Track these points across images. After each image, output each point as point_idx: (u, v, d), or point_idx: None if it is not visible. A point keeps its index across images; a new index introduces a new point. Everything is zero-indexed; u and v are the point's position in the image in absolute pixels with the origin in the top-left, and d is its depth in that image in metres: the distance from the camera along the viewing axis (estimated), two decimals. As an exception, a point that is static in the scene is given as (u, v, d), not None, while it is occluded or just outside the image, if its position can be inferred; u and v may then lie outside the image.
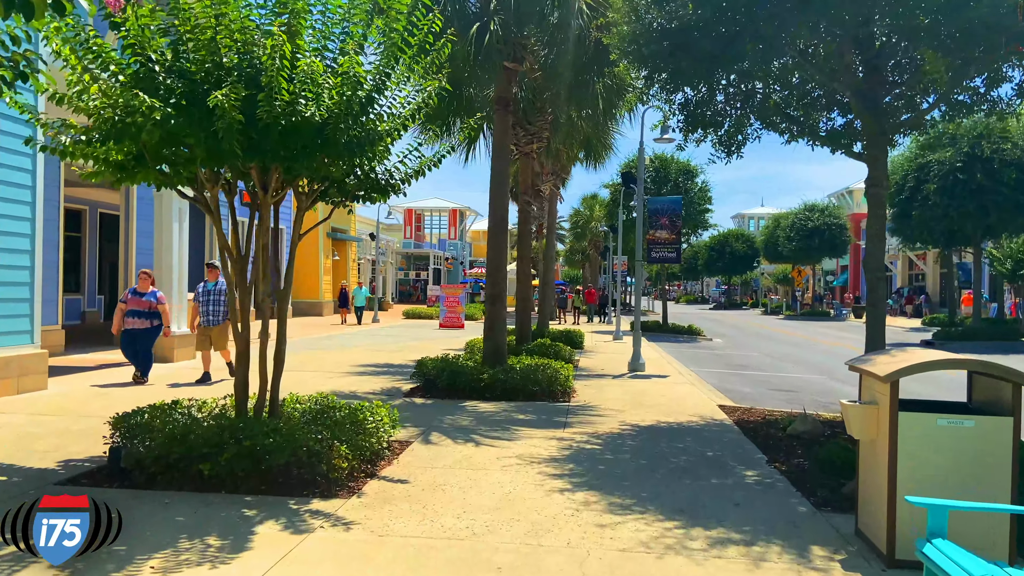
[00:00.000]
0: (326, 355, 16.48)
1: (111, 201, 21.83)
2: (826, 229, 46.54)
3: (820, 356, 20.64)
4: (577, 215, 48.74)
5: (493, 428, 8.42)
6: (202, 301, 11.62)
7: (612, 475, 6.49)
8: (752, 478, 6.53)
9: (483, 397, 10.38)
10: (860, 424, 4.88)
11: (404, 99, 6.65)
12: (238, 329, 6.55)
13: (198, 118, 5.64)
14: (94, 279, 25.50)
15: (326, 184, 6.80)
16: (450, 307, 29.05)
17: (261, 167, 6.30)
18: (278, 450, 5.68)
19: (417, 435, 7.93)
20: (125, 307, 11.30)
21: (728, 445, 7.81)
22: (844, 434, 8.16)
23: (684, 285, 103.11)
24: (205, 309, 11.60)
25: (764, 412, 9.81)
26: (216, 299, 11.56)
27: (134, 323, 11.28)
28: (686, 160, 29.32)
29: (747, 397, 12.21)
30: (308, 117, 5.69)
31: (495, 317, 11.69)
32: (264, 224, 6.51)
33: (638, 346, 14.67)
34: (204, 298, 11.61)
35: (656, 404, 10.43)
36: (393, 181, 7.03)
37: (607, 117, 15.09)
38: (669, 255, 15.76)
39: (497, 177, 11.79)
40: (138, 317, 11.30)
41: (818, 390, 13.45)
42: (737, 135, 9.83)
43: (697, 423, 9.05)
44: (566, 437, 8.02)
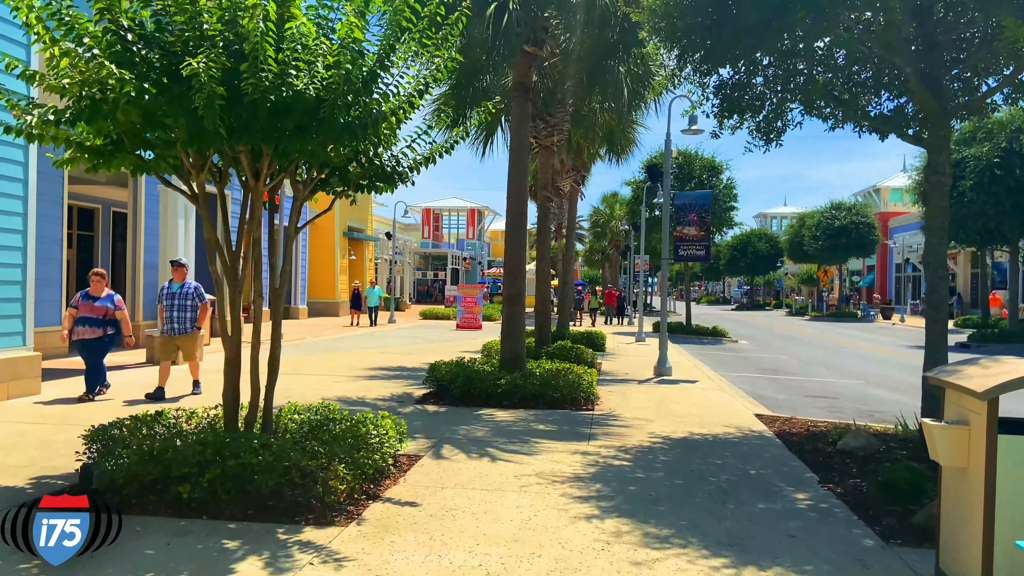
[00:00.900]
0: (337, 357, 15.84)
1: (124, 199, 21.35)
2: (853, 228, 45.36)
3: (853, 360, 19.73)
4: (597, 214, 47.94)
5: (511, 440, 7.70)
6: (166, 305, 10.06)
7: (645, 498, 5.75)
8: (804, 502, 5.76)
9: (500, 405, 9.66)
10: (948, 448, 4.10)
11: (413, 78, 5.96)
12: (227, 332, 5.88)
13: (178, 95, 4.97)
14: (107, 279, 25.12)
15: (326, 172, 6.12)
16: (467, 307, 28.38)
17: (251, 151, 5.64)
18: (266, 470, 5.00)
19: (427, 448, 7.23)
20: (76, 313, 9.52)
21: (772, 462, 7.03)
22: (900, 450, 7.37)
23: (705, 285, 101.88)
24: (169, 315, 10.04)
25: (807, 423, 9.01)
26: (183, 304, 10.03)
27: (85, 332, 9.51)
28: (711, 156, 28.43)
29: (783, 405, 11.40)
30: (300, 92, 5.00)
31: (513, 319, 10.96)
32: (255, 216, 5.83)
33: (665, 349, 13.89)
34: (168, 302, 10.05)
35: (687, 413, 9.66)
36: (400, 169, 6.34)
37: (631, 107, 14.33)
38: (698, 253, 14.95)
39: (515, 170, 11.07)
40: (90, 325, 9.51)
41: (857, 397, 12.60)
42: (777, 121, 9.05)
43: (734, 435, 8.27)
44: (591, 451, 7.28)
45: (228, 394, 5.83)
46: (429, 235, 65.15)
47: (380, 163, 6.18)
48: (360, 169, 6.21)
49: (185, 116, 4.96)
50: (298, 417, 6.43)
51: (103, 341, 9.66)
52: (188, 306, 10.08)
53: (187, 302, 10.07)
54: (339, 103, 5.17)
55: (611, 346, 20.41)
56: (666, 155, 13.80)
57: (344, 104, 5.22)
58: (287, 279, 6.11)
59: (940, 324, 7.18)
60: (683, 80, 8.96)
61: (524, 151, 11.13)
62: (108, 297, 9.68)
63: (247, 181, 5.80)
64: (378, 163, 6.17)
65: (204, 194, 5.80)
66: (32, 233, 10.04)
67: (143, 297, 17.02)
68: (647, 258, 28.96)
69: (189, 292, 10.11)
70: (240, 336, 5.93)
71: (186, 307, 10.06)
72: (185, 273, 10.25)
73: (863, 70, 9.06)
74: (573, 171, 19.90)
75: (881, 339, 28.34)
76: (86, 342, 9.56)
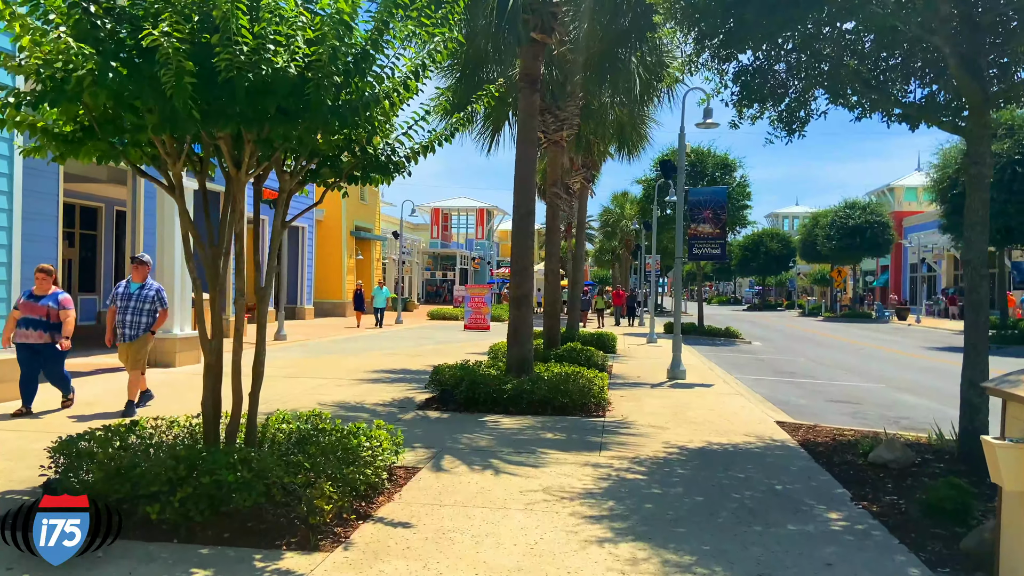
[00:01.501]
0: (341, 359, 15.37)
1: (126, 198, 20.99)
2: (868, 227, 44.63)
3: (872, 362, 19.12)
4: (607, 213, 47.35)
5: (517, 450, 7.20)
6: (120, 308, 8.72)
7: (663, 518, 5.24)
8: (839, 523, 5.23)
9: (506, 411, 9.16)
10: (1013, 470, 3.58)
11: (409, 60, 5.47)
12: (207, 336, 5.41)
13: (148, 75, 4.50)
14: (110, 278, 24.74)
15: (315, 161, 5.65)
16: (475, 308, 27.92)
17: (233, 138, 5.16)
18: (244, 489, 4.52)
19: (427, 459, 6.74)
20: (18, 314, 8.36)
21: (799, 475, 6.50)
22: (936, 463, 6.83)
23: (716, 286, 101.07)
24: (122, 319, 8.69)
25: (832, 431, 8.46)
26: (139, 307, 8.70)
27: (30, 336, 8.30)
28: (724, 153, 27.85)
29: (804, 410, 10.85)
30: (281, 69, 4.52)
31: (520, 321, 10.45)
32: (237, 209, 5.36)
33: (678, 352, 13.35)
34: (123, 304, 8.72)
35: (704, 420, 9.13)
36: (397, 158, 5.86)
37: (643, 100, 13.81)
38: (713, 251, 14.40)
39: (523, 164, 10.55)
40: (32, 328, 8.29)
41: (881, 402, 12.03)
42: (800, 110, 8.52)
43: (756, 445, 7.74)
44: (603, 463, 6.77)
45: (208, 403, 5.35)
46: (438, 235, 64.68)
47: (374, 152, 5.70)
48: (353, 159, 5.74)
49: (155, 97, 4.49)
50: (286, 427, 5.96)
51: (52, 346, 8.43)
52: (145, 310, 8.75)
53: (145, 305, 8.75)
54: (325, 83, 4.68)
55: (622, 348, 19.88)
56: (680, 149, 13.26)
57: (331, 85, 4.73)
58: (273, 278, 5.64)
59: (981, 326, 6.63)
60: (700, 67, 8.44)
61: (532, 145, 10.62)
62: (52, 296, 8.42)
63: (229, 171, 5.32)
64: (372, 152, 5.70)
65: (181, 185, 5.32)
66: (17, 231, 9.63)
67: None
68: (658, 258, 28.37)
69: (149, 295, 8.80)
70: (221, 341, 5.45)
71: (143, 311, 8.73)
72: (147, 272, 8.97)
73: (891, 56, 8.52)
74: (583, 168, 19.36)
75: (898, 340, 27.68)
76: (37, 348, 8.37)
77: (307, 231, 31.49)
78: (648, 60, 12.82)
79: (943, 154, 29.63)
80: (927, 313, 46.86)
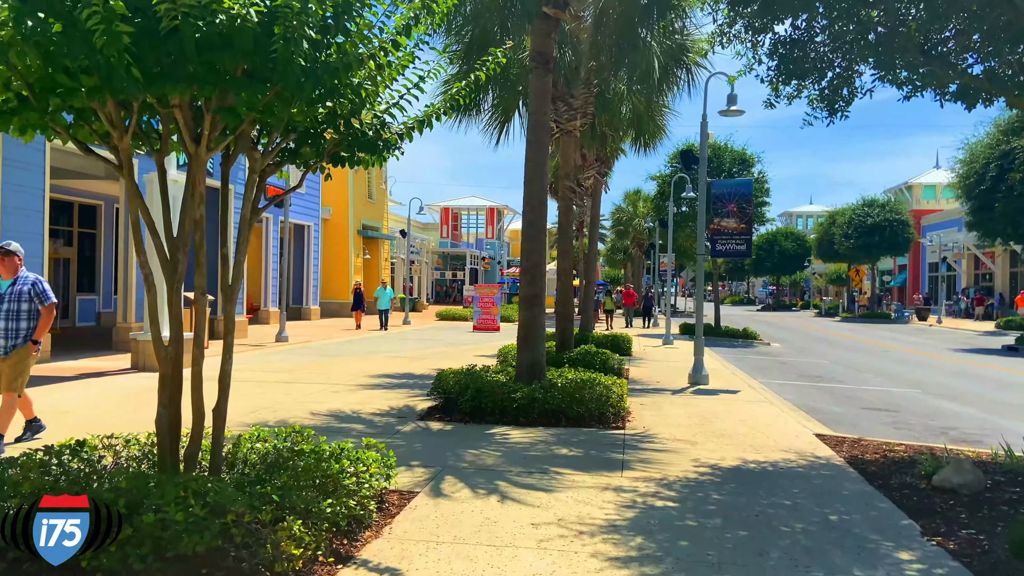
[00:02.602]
0: (341, 363, 14.56)
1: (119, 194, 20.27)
2: (887, 226, 43.52)
3: (900, 365, 18.16)
4: (620, 212, 46.40)
5: (528, 469, 6.35)
6: None
7: (702, 559, 4.38)
8: (914, 567, 4.36)
9: (515, 421, 8.32)
10: None
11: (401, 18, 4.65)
12: (162, 343, 4.59)
13: (82, 29, 3.69)
14: (110, 278, 24.05)
15: (292, 137, 4.83)
16: (485, 308, 27.06)
17: (191, 107, 4.35)
18: (195, 530, 3.70)
19: (425, 480, 5.91)
20: None
21: (855, 502, 5.62)
22: (1010, 486, 5.94)
23: (729, 285, 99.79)
24: None
25: (880, 446, 7.57)
26: (12, 310, 6.81)
27: None
28: (741, 148, 26.90)
29: (840, 420, 9.96)
30: (238, 16, 3.70)
31: (531, 323, 9.59)
32: (195, 191, 4.54)
33: (700, 355, 12.47)
34: None
35: (735, 432, 8.26)
36: (388, 135, 5.04)
37: (662, 88, 12.92)
38: (738, 247, 13.48)
39: (534, 152, 9.69)
40: None
41: (921, 410, 11.12)
42: (843, 87, 7.64)
43: (797, 463, 6.87)
44: (626, 486, 5.92)
45: (162, 422, 4.54)
46: (448, 234, 63.89)
47: (361, 127, 4.88)
48: (336, 135, 4.92)
49: (87, 52, 3.68)
50: (261, 446, 5.14)
51: None
52: (23, 312, 6.85)
53: (21, 306, 6.85)
54: (295, 36, 3.86)
55: (637, 350, 19.00)
56: (702, 137, 12.38)
57: (303, 38, 3.90)
58: (241, 274, 4.82)
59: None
60: (732, 39, 7.61)
61: (544, 130, 9.76)
62: None
63: (188, 147, 4.50)
64: (358, 126, 4.87)
65: (130, 162, 4.51)
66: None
67: (135, 296, 15.90)
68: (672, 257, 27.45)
69: (23, 291, 6.88)
70: (181, 348, 4.64)
71: (19, 314, 6.83)
72: (16, 265, 6.95)
73: (945, 27, 7.64)
74: (597, 162, 18.49)
75: (922, 342, 26.68)
76: None
77: (313, 230, 30.73)
78: (668, 44, 11.96)
79: (969, 149, 28.59)
80: (948, 313, 45.69)
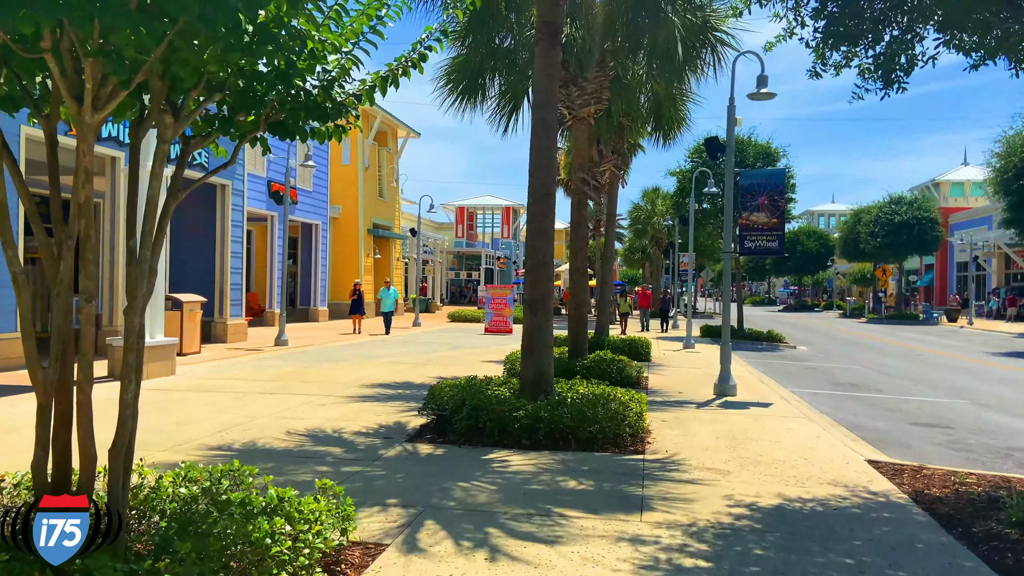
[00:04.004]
0: (336, 370, 13.52)
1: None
2: (915, 224, 42.05)
3: (938, 371, 16.87)
4: (638, 210, 45.03)
5: (527, 511, 5.25)
6: None
7: (749, 657, 3.27)
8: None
9: (518, 444, 7.22)
10: None
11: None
12: (36, 363, 3.54)
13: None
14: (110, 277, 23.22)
15: (215, 97, 3.76)
16: (497, 310, 26.04)
17: (67, 51, 3.30)
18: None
19: (400, 527, 4.83)
20: None
21: (933, 559, 4.47)
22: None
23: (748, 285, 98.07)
24: None
25: (949, 477, 6.39)
26: None
27: None
28: (766, 142, 25.64)
29: (887, 439, 8.79)
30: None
31: (536, 329, 8.47)
32: (80, 164, 3.49)
33: (727, 363, 11.30)
34: None
35: (772, 458, 7.10)
36: (341, 97, 3.97)
37: (684, 70, 11.76)
38: (769, 244, 12.28)
39: (540, 135, 8.58)
40: None
41: (976, 426, 9.90)
42: (902, 54, 6.48)
43: (851, 501, 5.72)
44: (647, 536, 4.80)
45: (40, 466, 3.49)
46: (463, 234, 62.89)
47: (302, 87, 3.81)
48: (279, 97, 3.85)
49: None
50: (187, 491, 4.08)
51: None
52: None
53: None
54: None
55: (656, 354, 17.83)
56: (729, 122, 11.21)
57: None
58: (147, 273, 3.76)
59: None
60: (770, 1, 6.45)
61: (551, 111, 8.65)
62: None
63: (69, 109, 3.45)
64: (300, 85, 3.80)
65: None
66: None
67: (120, 297, 14.96)
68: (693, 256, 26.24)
69: None
70: (71, 367, 3.58)
71: None
72: None
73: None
74: (614, 155, 17.33)
75: (956, 345, 25.30)
76: None
77: (321, 228, 29.78)
78: (690, 19, 10.82)
79: (1007, 142, 27.23)
80: (978, 315, 44.03)
